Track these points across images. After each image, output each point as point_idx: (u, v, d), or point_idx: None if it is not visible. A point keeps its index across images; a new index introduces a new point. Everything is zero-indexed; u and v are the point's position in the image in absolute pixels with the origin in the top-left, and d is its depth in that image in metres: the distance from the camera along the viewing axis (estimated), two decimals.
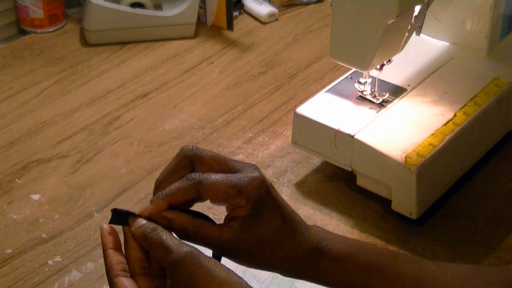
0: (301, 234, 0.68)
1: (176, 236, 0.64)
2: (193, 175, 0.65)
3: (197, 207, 0.68)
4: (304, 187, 1.03)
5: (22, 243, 0.95)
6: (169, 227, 0.65)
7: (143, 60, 1.30)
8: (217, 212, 0.90)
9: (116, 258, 0.65)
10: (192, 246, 0.63)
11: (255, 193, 0.65)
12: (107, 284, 0.89)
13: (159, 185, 0.68)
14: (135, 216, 0.66)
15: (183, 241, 0.64)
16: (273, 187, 0.68)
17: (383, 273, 0.69)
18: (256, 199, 0.65)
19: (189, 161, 0.67)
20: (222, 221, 0.68)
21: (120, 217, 0.67)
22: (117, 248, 0.66)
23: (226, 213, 0.67)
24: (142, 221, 0.65)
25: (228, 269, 0.63)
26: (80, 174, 1.06)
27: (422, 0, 0.94)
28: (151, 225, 0.65)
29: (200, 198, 0.67)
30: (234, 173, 0.67)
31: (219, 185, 0.65)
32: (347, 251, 0.69)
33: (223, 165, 0.67)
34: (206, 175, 0.65)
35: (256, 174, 0.66)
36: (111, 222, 0.67)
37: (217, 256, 0.68)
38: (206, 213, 0.68)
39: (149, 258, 0.66)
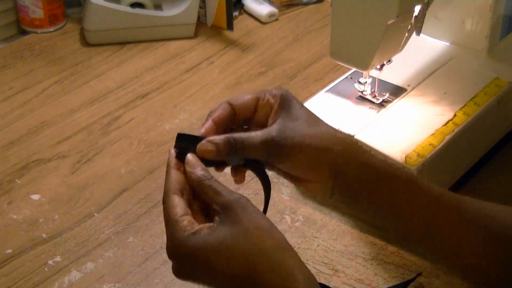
0: (334, 129, 0.73)
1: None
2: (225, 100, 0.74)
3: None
4: None
5: (22, 243, 0.95)
6: (217, 150, 0.70)
7: (143, 60, 1.30)
8: None
9: (177, 178, 0.69)
10: (241, 195, 0.66)
11: (277, 90, 0.73)
12: (107, 284, 0.89)
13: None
14: (197, 140, 0.71)
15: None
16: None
17: (420, 192, 0.71)
18: (281, 95, 0.72)
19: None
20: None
21: (184, 141, 0.71)
22: (180, 170, 0.69)
23: None
24: (198, 169, 0.69)
25: (272, 223, 0.66)
26: (80, 174, 1.06)
27: (422, 0, 0.94)
28: (207, 173, 0.68)
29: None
30: None
31: (244, 96, 0.73)
32: (386, 163, 0.71)
33: None
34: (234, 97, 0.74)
35: None
36: (176, 146, 0.71)
37: (266, 202, 0.72)
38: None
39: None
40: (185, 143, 0.70)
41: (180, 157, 0.70)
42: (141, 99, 1.21)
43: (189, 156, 0.70)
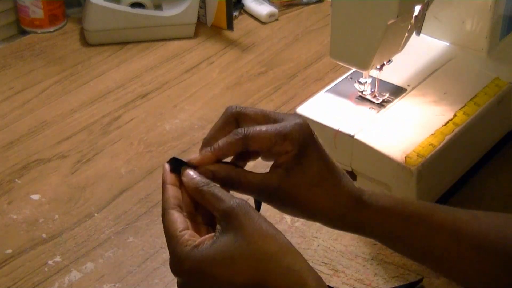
0: (344, 182, 0.72)
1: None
2: (239, 129, 0.69)
3: None
4: None
5: (22, 243, 0.95)
6: (213, 178, 0.68)
7: (143, 60, 1.30)
8: None
9: (174, 193, 0.68)
10: (242, 199, 0.65)
11: (299, 137, 0.69)
12: (107, 284, 0.89)
13: (207, 144, 0.71)
14: (186, 167, 0.69)
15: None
16: (315, 134, 0.71)
17: (421, 224, 0.72)
18: (300, 142, 0.69)
19: (234, 119, 0.71)
20: None
21: (177, 165, 0.69)
22: (176, 185, 0.68)
23: None
24: (195, 175, 0.68)
25: (275, 227, 0.65)
26: (80, 174, 1.06)
27: (422, 0, 0.94)
28: (204, 179, 0.67)
29: (249, 155, 0.71)
30: (278, 122, 0.70)
31: (264, 134, 0.69)
32: (388, 203, 0.72)
33: (267, 117, 0.71)
34: (251, 128, 0.69)
35: (299, 120, 0.70)
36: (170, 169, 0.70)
37: (258, 205, 0.71)
38: None
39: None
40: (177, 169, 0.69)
41: (175, 170, 0.69)
42: (141, 99, 1.21)
43: (185, 168, 0.69)
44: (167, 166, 0.69)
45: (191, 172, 0.68)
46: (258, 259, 0.62)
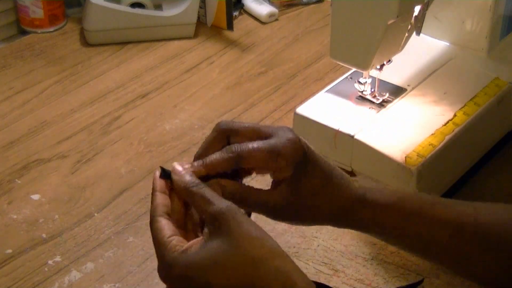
0: (344, 186, 0.72)
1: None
2: (232, 147, 0.69)
3: None
4: None
5: (22, 243, 0.95)
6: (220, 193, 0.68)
7: (143, 60, 1.30)
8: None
9: (162, 200, 0.67)
10: (231, 202, 0.65)
11: (292, 153, 0.69)
12: (107, 284, 0.89)
13: (198, 159, 0.71)
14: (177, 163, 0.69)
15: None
16: (308, 146, 0.71)
17: (421, 222, 0.73)
18: (295, 159, 0.69)
19: (225, 135, 0.71)
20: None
21: (166, 174, 0.69)
22: (165, 192, 0.68)
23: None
24: (187, 177, 0.67)
25: (263, 230, 0.64)
26: (80, 174, 1.06)
27: (422, 0, 0.94)
28: (195, 179, 0.67)
29: (243, 171, 0.71)
30: (269, 138, 0.70)
31: (256, 153, 0.69)
32: (388, 200, 0.73)
33: (257, 132, 0.71)
34: (243, 146, 0.69)
35: (290, 135, 0.70)
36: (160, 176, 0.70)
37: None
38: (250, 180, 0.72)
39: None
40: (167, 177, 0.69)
41: (165, 175, 0.69)
42: (141, 99, 1.21)
43: (175, 165, 0.69)
44: (157, 173, 0.69)
45: (181, 171, 0.68)
46: (246, 263, 0.62)
